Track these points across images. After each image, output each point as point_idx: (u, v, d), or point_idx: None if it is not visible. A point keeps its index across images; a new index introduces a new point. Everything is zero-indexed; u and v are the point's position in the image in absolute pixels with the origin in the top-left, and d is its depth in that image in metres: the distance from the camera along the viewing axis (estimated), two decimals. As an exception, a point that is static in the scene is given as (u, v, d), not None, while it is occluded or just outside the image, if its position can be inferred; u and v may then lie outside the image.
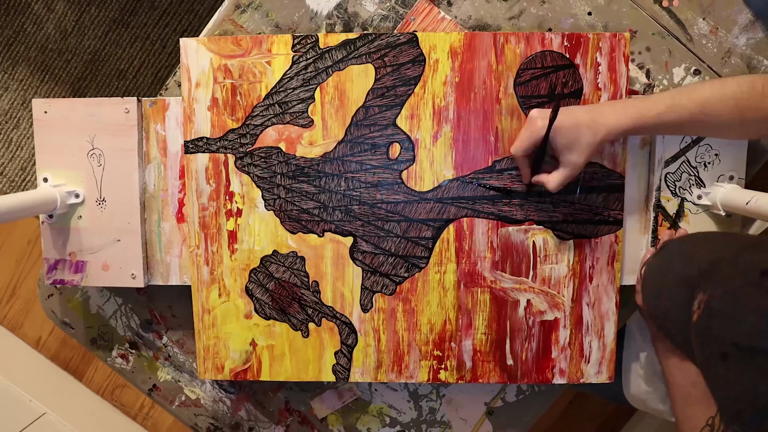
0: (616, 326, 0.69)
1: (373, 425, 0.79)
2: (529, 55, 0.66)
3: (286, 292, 0.70)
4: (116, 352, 0.80)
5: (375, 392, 0.78)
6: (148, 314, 0.79)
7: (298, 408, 0.79)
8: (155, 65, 1.51)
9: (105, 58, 1.51)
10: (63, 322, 0.80)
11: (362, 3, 0.71)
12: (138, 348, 0.80)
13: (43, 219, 0.71)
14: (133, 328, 0.79)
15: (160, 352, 0.80)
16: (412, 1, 0.70)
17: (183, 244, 0.72)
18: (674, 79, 0.70)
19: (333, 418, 0.79)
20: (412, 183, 0.68)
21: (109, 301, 0.79)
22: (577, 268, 0.68)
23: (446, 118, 0.67)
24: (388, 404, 0.78)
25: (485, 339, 0.69)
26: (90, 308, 0.79)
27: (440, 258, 0.68)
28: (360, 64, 0.67)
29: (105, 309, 0.79)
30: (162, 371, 0.80)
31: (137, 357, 0.80)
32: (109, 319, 0.79)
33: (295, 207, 0.69)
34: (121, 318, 0.79)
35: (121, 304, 0.79)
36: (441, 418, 0.78)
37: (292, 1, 0.71)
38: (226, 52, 0.67)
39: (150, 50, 1.51)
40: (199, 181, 0.69)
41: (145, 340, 0.79)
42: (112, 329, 0.80)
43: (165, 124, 0.71)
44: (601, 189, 0.67)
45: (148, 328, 0.79)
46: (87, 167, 0.71)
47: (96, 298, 0.79)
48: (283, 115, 0.68)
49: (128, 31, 1.50)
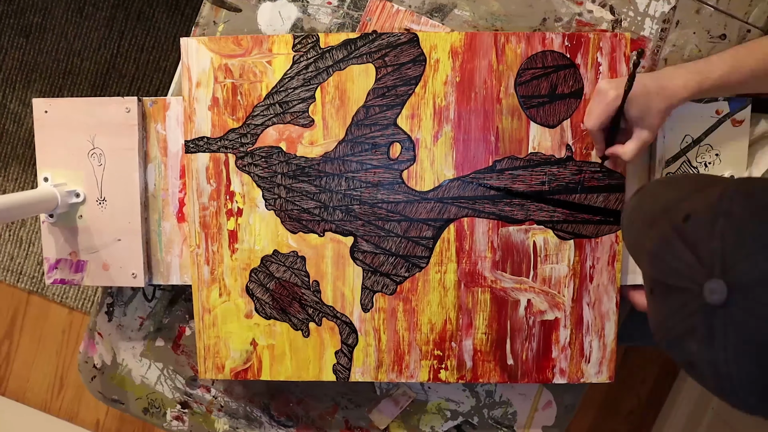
0: (616, 326, 0.69)
1: (436, 422, 0.78)
2: (529, 55, 0.66)
3: (287, 292, 0.70)
4: (170, 415, 0.81)
5: (429, 390, 0.77)
6: (191, 371, 0.79)
7: (358, 425, 0.79)
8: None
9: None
10: (112, 399, 0.81)
11: (316, 17, 0.71)
12: (190, 406, 0.80)
13: (43, 218, 0.71)
14: (180, 388, 0.80)
15: (212, 405, 0.80)
16: (363, 3, 0.70)
17: (183, 243, 0.72)
18: (639, 8, 0.69)
19: (395, 425, 0.78)
20: (413, 183, 0.68)
21: (150, 369, 0.79)
22: (577, 267, 0.68)
23: (447, 118, 0.67)
24: (445, 398, 0.78)
25: (486, 339, 0.69)
26: (134, 380, 0.80)
27: (441, 258, 0.68)
28: (361, 63, 0.67)
29: (148, 377, 0.80)
30: (218, 423, 0.80)
31: (191, 415, 0.80)
32: (155, 386, 0.80)
33: (296, 207, 0.69)
34: (165, 382, 0.80)
35: (163, 368, 0.79)
36: (500, 398, 0.77)
37: (249, 34, 0.71)
38: (227, 52, 0.67)
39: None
40: (199, 181, 0.69)
41: (195, 396, 0.80)
42: (160, 395, 0.80)
43: (165, 124, 0.71)
44: (602, 189, 0.67)
45: (194, 385, 0.80)
46: (87, 167, 0.71)
47: (137, 368, 0.80)
48: (283, 115, 0.68)
49: None
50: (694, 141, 0.67)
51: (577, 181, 0.67)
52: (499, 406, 0.77)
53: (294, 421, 0.79)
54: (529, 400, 0.77)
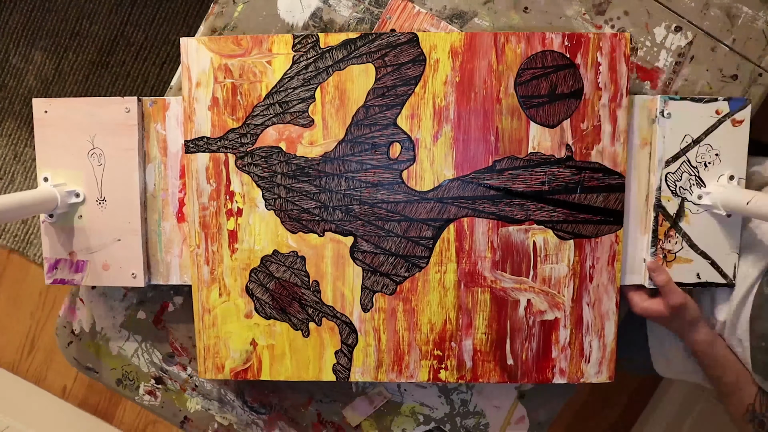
0: (616, 326, 0.69)
1: (408, 425, 0.78)
2: (529, 54, 0.66)
3: (287, 292, 0.70)
4: (143, 389, 0.80)
5: (405, 392, 0.78)
6: (169, 347, 0.79)
7: (331, 419, 0.79)
8: (140, 96, 1.53)
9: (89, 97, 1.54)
10: (86, 367, 0.80)
11: (336, 9, 0.71)
12: (164, 382, 0.80)
13: (43, 218, 0.71)
14: (156, 363, 0.79)
15: (186, 384, 0.80)
16: (385, 0, 0.71)
17: (183, 243, 0.72)
18: (657, 39, 0.70)
19: (367, 424, 0.78)
20: (413, 183, 0.68)
21: (129, 341, 0.79)
22: (577, 267, 0.68)
23: (447, 118, 0.67)
24: (419, 402, 0.78)
25: (485, 339, 0.69)
26: (111, 350, 0.79)
27: (440, 258, 0.68)
28: (360, 63, 0.67)
29: (126, 349, 0.79)
30: (191, 402, 0.80)
31: (164, 391, 0.80)
32: (131, 358, 0.79)
33: (296, 206, 0.69)
34: (143, 355, 0.79)
35: (141, 341, 0.79)
36: (474, 408, 0.77)
37: (267, 18, 0.72)
38: (227, 52, 0.67)
39: (132, 86, 1.52)
40: (199, 181, 0.69)
41: (170, 373, 0.79)
42: (135, 368, 0.80)
43: (165, 124, 0.71)
44: (601, 189, 0.67)
45: (171, 361, 0.79)
46: (87, 167, 0.71)
47: (116, 339, 0.79)
48: (283, 115, 0.68)
49: (108, 71, 1.52)
50: (694, 141, 0.67)
51: (577, 181, 0.67)
52: (473, 416, 0.78)
53: (267, 409, 0.79)
54: (503, 413, 0.78)
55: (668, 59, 0.70)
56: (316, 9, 0.71)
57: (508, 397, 0.77)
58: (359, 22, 0.71)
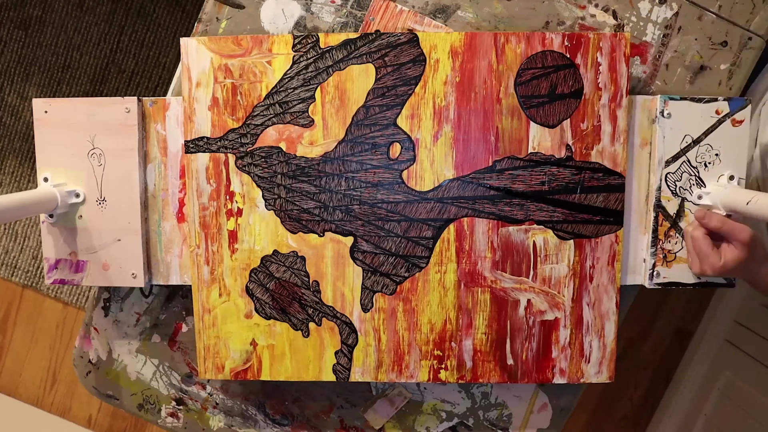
0: (616, 326, 0.69)
1: (431, 423, 0.78)
2: (529, 54, 0.66)
3: (287, 292, 0.70)
4: (165, 412, 0.80)
5: (425, 390, 0.78)
6: (187, 367, 0.79)
7: (353, 424, 0.79)
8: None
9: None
10: (107, 395, 0.81)
11: (320, 16, 0.71)
12: (185, 403, 0.80)
13: (43, 218, 0.71)
14: (175, 385, 0.80)
15: (207, 402, 0.80)
16: (367, 2, 0.71)
17: (183, 243, 0.72)
18: (642, 14, 0.69)
19: (390, 425, 0.78)
20: (413, 183, 0.68)
21: (146, 365, 0.79)
22: (577, 267, 0.68)
23: (447, 118, 0.67)
24: (440, 399, 0.78)
25: (485, 339, 0.69)
26: (129, 376, 0.80)
27: (440, 258, 0.68)
28: (360, 63, 0.67)
29: (144, 373, 0.79)
30: (213, 420, 0.80)
31: (186, 412, 0.80)
32: (150, 382, 0.80)
33: (296, 207, 0.69)
34: (161, 378, 0.80)
35: (158, 365, 0.79)
36: (495, 400, 0.77)
37: (252, 32, 0.72)
38: (227, 52, 0.67)
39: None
40: (199, 181, 0.69)
41: (190, 393, 0.80)
42: (155, 391, 0.80)
43: (165, 124, 0.71)
44: (601, 189, 0.67)
45: (190, 382, 0.79)
46: (87, 167, 0.71)
47: (132, 364, 0.79)
48: (283, 115, 0.68)
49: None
50: (694, 141, 0.67)
51: (577, 181, 0.67)
52: (495, 408, 0.77)
53: (289, 420, 0.79)
54: (524, 403, 0.77)
55: (656, 32, 0.69)
56: (300, 18, 0.71)
57: (529, 386, 0.77)
58: (343, 27, 0.71)
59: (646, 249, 0.69)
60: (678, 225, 0.69)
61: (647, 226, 0.69)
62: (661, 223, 0.68)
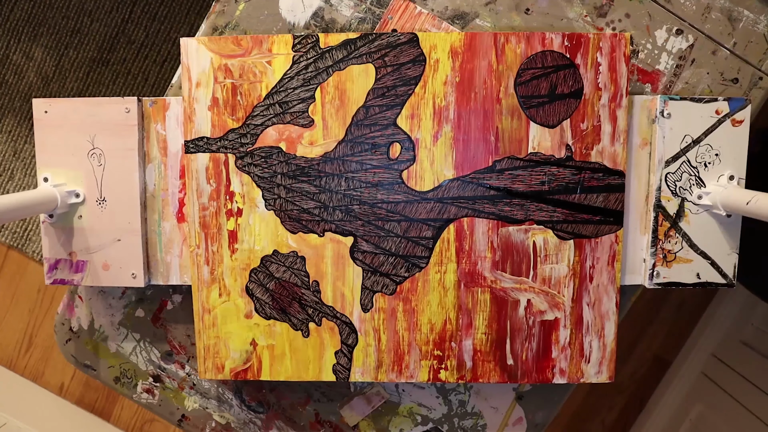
0: (616, 326, 0.69)
1: (405, 425, 0.78)
2: (529, 54, 0.66)
3: (287, 292, 0.70)
4: (141, 387, 0.80)
5: (403, 392, 0.78)
6: (168, 345, 0.79)
7: (328, 419, 0.79)
8: (140, 95, 1.52)
9: (89, 97, 1.55)
10: (84, 364, 0.80)
11: (338, 9, 0.71)
12: (162, 380, 0.80)
13: (43, 218, 0.71)
14: (154, 361, 0.79)
15: (184, 382, 0.80)
16: (387, 1, 0.71)
17: (183, 243, 0.72)
18: (658, 42, 0.70)
19: (364, 424, 0.78)
20: (413, 183, 0.68)
21: (127, 338, 0.79)
22: (577, 268, 0.68)
23: (447, 118, 0.67)
24: (417, 403, 0.78)
25: (485, 339, 0.69)
26: (109, 348, 0.79)
27: (440, 258, 0.68)
28: (360, 63, 0.67)
29: (124, 346, 0.79)
30: (189, 400, 0.80)
31: (162, 389, 0.80)
32: (130, 356, 0.79)
33: (296, 207, 0.69)
34: (141, 353, 0.79)
35: (140, 339, 0.79)
36: (472, 409, 0.77)
37: (269, 17, 0.72)
38: (227, 52, 0.67)
39: (132, 84, 1.52)
40: (199, 181, 0.69)
41: (168, 371, 0.79)
42: (133, 365, 0.80)
43: (165, 124, 0.71)
44: (601, 189, 0.67)
45: (170, 360, 0.79)
46: (87, 167, 0.71)
47: (114, 336, 0.79)
48: (283, 115, 0.68)
49: (108, 68, 1.52)
50: (693, 141, 0.67)
51: (576, 181, 0.67)
52: (470, 416, 0.78)
53: (265, 408, 0.79)
54: (500, 414, 0.77)
55: (669, 62, 0.70)
56: (318, 8, 0.71)
57: (506, 398, 0.77)
58: (361, 22, 0.71)
59: (646, 249, 0.69)
60: (678, 225, 0.69)
61: (647, 226, 0.69)
62: (661, 223, 0.68)
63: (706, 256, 0.69)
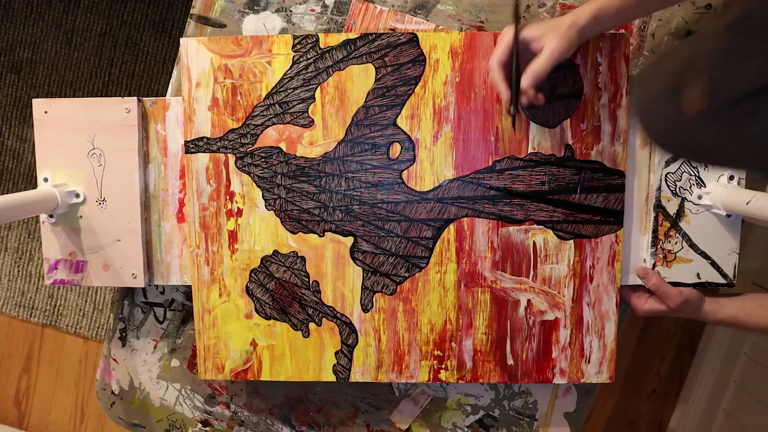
0: (616, 326, 0.69)
1: (457, 418, 0.78)
2: (529, 55, 0.66)
3: (287, 292, 0.70)
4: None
5: (447, 386, 0.78)
6: (208, 388, 0.80)
7: (380, 427, 0.79)
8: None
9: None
10: (133, 424, 0.81)
11: (301, 25, 0.72)
12: (210, 424, 0.80)
13: (43, 219, 0.71)
14: (199, 407, 0.80)
15: (232, 421, 0.80)
16: (346, 7, 0.71)
17: (183, 243, 0.72)
18: None
19: (416, 425, 0.78)
20: (413, 183, 0.68)
21: (168, 390, 0.80)
22: (577, 268, 0.68)
23: (446, 118, 0.67)
24: (464, 393, 0.78)
25: (486, 339, 0.69)
26: (153, 402, 0.80)
27: (441, 258, 0.68)
28: (360, 63, 0.67)
29: (167, 398, 0.80)
30: None
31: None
32: (175, 407, 0.80)
33: (296, 207, 0.69)
34: (184, 402, 0.80)
35: (180, 389, 0.80)
36: (519, 389, 0.77)
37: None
38: (227, 52, 0.67)
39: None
40: (199, 181, 0.69)
41: (215, 413, 0.80)
42: (180, 415, 0.80)
43: (165, 124, 0.71)
44: (601, 189, 0.67)
45: (213, 402, 0.80)
46: (87, 167, 0.71)
47: (155, 391, 0.80)
48: (283, 115, 0.68)
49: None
50: (693, 141, 0.67)
51: (576, 181, 0.67)
52: (519, 396, 0.77)
53: (316, 429, 0.80)
54: (548, 388, 0.77)
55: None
56: (281, 30, 0.72)
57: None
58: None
59: (646, 249, 0.69)
60: (678, 225, 0.69)
61: (647, 226, 0.69)
62: (661, 223, 0.68)
63: (706, 256, 0.69)
